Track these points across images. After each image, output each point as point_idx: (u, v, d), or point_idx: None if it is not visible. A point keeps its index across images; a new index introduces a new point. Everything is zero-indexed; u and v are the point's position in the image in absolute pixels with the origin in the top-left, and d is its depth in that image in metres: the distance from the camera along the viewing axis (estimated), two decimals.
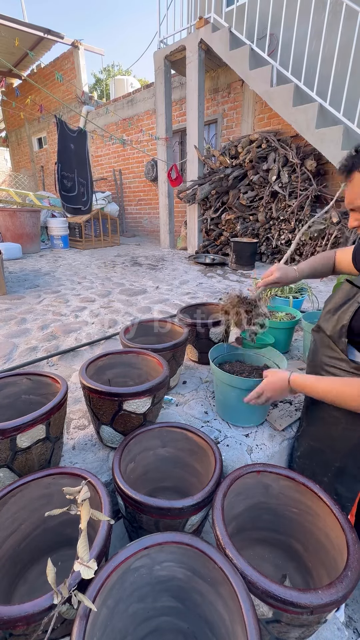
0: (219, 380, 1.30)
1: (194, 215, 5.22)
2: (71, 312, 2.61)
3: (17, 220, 5.06)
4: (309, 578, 0.90)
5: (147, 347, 1.37)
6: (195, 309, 1.97)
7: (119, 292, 3.20)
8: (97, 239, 6.20)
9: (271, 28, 4.04)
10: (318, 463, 1.07)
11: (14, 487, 0.84)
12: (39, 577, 0.87)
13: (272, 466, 0.93)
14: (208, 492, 0.86)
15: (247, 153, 4.49)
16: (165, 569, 0.73)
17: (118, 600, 0.68)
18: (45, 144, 9.92)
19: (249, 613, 0.58)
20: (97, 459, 1.18)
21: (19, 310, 2.64)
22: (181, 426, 1.11)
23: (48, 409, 0.94)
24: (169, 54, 4.93)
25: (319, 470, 1.06)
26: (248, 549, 0.98)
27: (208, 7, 4.55)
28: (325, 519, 0.84)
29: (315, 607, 0.62)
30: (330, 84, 3.53)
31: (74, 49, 7.59)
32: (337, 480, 1.03)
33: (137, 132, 6.95)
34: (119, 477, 0.89)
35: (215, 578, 0.68)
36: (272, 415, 1.40)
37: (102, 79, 19.32)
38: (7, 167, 12.47)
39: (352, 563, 0.69)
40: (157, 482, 1.13)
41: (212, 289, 3.38)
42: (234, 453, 1.22)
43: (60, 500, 0.87)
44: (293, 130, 4.04)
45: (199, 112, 4.78)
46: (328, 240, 3.78)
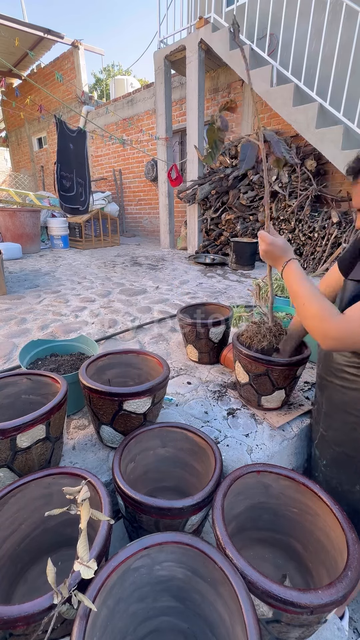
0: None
1: (194, 215, 5.22)
2: (71, 312, 2.61)
3: (17, 220, 5.05)
4: (309, 578, 0.90)
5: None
6: (195, 309, 1.97)
7: (119, 292, 3.20)
8: (97, 239, 6.20)
9: (271, 28, 4.04)
10: (348, 471, 1.01)
11: (14, 487, 0.84)
12: (39, 577, 0.87)
13: (272, 466, 0.93)
14: (208, 492, 0.86)
15: None
16: (165, 569, 0.73)
17: (118, 600, 0.68)
18: (45, 144, 9.92)
19: (249, 613, 0.58)
20: (97, 459, 1.18)
21: (19, 310, 2.64)
22: (181, 426, 1.11)
23: (48, 409, 0.94)
24: (169, 54, 4.93)
25: (348, 479, 1.01)
26: (248, 549, 0.98)
27: (208, 7, 4.55)
28: (325, 518, 0.84)
29: (315, 607, 0.62)
30: (330, 84, 3.53)
31: (74, 49, 7.59)
32: None
33: (137, 132, 6.95)
34: (119, 477, 0.89)
35: (215, 578, 0.68)
36: (269, 414, 1.40)
37: (102, 79, 19.30)
38: (7, 167, 12.46)
39: (352, 563, 0.69)
40: (157, 482, 1.13)
41: (212, 289, 3.38)
42: (234, 453, 1.21)
43: (60, 500, 0.87)
44: (293, 130, 4.04)
45: (199, 112, 4.78)
46: (328, 240, 3.78)
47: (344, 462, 1.01)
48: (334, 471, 1.06)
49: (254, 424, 1.37)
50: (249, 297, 3.05)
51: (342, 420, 1.00)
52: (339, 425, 1.01)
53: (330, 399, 1.04)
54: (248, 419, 1.40)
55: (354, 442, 0.97)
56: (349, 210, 3.94)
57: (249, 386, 1.39)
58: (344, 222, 3.74)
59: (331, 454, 1.06)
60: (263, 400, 1.39)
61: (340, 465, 1.03)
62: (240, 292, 3.23)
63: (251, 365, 1.31)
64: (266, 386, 1.34)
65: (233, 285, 3.51)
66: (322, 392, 1.08)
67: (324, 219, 3.90)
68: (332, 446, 1.05)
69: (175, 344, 2.11)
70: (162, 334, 2.24)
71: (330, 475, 1.07)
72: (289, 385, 1.34)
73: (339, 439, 1.02)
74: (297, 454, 1.38)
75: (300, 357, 1.29)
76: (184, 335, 1.83)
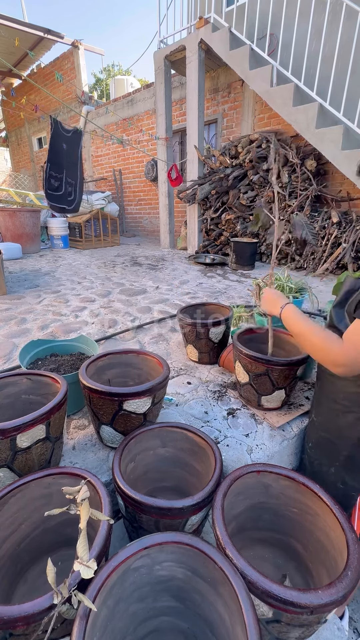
0: None
1: (194, 215, 5.22)
2: (71, 312, 2.61)
3: (17, 220, 5.05)
4: (309, 578, 0.90)
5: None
6: (195, 309, 1.97)
7: (119, 292, 3.20)
8: (97, 239, 6.20)
9: (271, 28, 4.04)
10: (327, 453, 1.11)
11: (14, 487, 0.84)
12: (39, 577, 0.87)
13: (272, 466, 0.93)
14: (208, 492, 0.86)
15: (247, 153, 4.49)
16: (165, 569, 0.73)
17: (118, 600, 0.68)
18: (45, 144, 9.92)
19: (249, 613, 0.58)
20: (97, 459, 1.18)
21: (19, 310, 2.64)
22: (181, 426, 1.11)
23: (48, 409, 0.94)
24: (169, 54, 4.93)
25: (328, 460, 1.11)
26: (248, 549, 0.98)
27: (208, 7, 4.54)
28: (325, 518, 0.84)
29: (315, 607, 0.62)
30: (331, 84, 3.53)
31: (74, 49, 7.59)
32: (345, 469, 1.07)
33: (137, 132, 6.95)
34: (119, 477, 0.89)
35: (215, 578, 0.68)
36: (269, 414, 1.40)
37: (102, 79, 19.30)
38: (7, 167, 12.46)
39: (352, 563, 0.69)
40: (157, 482, 1.13)
41: (212, 289, 3.38)
42: (234, 453, 1.21)
43: (60, 500, 0.87)
44: (293, 130, 4.04)
45: (199, 112, 4.78)
46: (328, 240, 3.78)
47: (325, 445, 1.12)
48: (317, 453, 1.16)
49: (254, 424, 1.37)
50: (249, 297, 3.05)
51: (328, 408, 1.09)
52: (325, 411, 1.10)
53: (321, 387, 1.12)
54: (248, 419, 1.40)
55: (337, 428, 1.06)
56: (349, 210, 3.94)
57: (249, 386, 1.39)
58: (344, 222, 3.74)
59: (316, 437, 1.16)
60: (263, 400, 1.39)
61: (323, 448, 1.13)
62: (240, 292, 3.23)
63: (251, 365, 1.31)
64: (266, 386, 1.34)
65: (233, 285, 3.51)
66: (318, 380, 1.16)
67: (324, 219, 3.89)
68: (319, 431, 1.15)
69: (175, 344, 2.11)
70: (162, 334, 2.24)
71: (314, 456, 1.18)
72: (289, 385, 1.34)
73: (325, 425, 1.11)
74: (297, 453, 1.38)
75: (300, 357, 1.29)
76: (184, 335, 1.83)
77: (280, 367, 1.27)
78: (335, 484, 1.09)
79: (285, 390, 1.35)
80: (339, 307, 1.00)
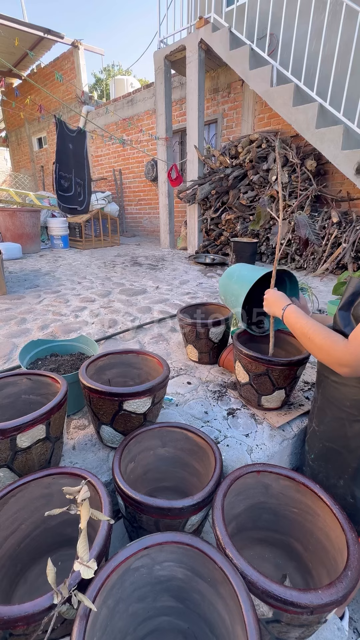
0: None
1: (194, 215, 5.22)
2: (71, 312, 2.61)
3: (17, 220, 5.05)
4: (309, 578, 0.89)
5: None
6: (195, 309, 1.97)
7: (119, 292, 3.20)
8: (97, 239, 6.20)
9: (271, 28, 4.04)
10: (333, 464, 1.04)
11: (14, 487, 0.84)
12: (39, 577, 0.87)
13: (272, 466, 0.93)
14: (208, 492, 0.86)
15: (247, 153, 4.49)
16: (165, 569, 0.73)
17: (118, 600, 0.68)
18: (45, 144, 9.92)
19: (249, 613, 0.58)
20: (97, 459, 1.18)
21: (19, 310, 2.64)
22: (181, 426, 1.11)
23: (48, 409, 0.94)
24: (169, 54, 4.93)
25: (334, 473, 1.04)
26: (248, 548, 0.98)
27: (208, 7, 4.54)
28: (325, 518, 0.84)
29: (315, 607, 0.62)
30: (331, 84, 3.53)
31: (74, 49, 7.58)
32: (355, 482, 0.99)
33: (137, 132, 6.94)
34: (119, 477, 0.89)
35: (215, 578, 0.68)
36: (269, 414, 1.40)
37: (102, 79, 19.29)
38: (7, 167, 12.46)
39: (352, 563, 0.69)
40: (157, 482, 1.13)
41: (212, 289, 3.38)
42: (234, 453, 1.21)
43: (60, 500, 0.87)
44: (293, 130, 4.04)
45: (199, 112, 4.78)
46: (328, 240, 3.78)
47: (331, 456, 1.04)
48: (321, 465, 1.08)
49: (254, 424, 1.37)
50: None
51: (333, 415, 1.02)
52: (329, 420, 1.04)
53: (324, 394, 1.06)
54: (248, 419, 1.40)
55: (343, 437, 1.00)
56: (349, 210, 3.94)
57: (249, 386, 1.39)
58: (344, 222, 3.74)
59: (319, 448, 1.09)
60: (263, 400, 1.39)
61: (327, 459, 1.06)
62: None
63: (251, 365, 1.31)
64: (266, 386, 1.34)
65: None
66: (319, 387, 1.10)
67: (324, 219, 3.89)
68: (322, 440, 1.07)
69: (175, 344, 2.11)
70: (162, 334, 2.24)
71: (318, 469, 1.09)
72: (289, 385, 1.34)
73: (329, 434, 1.05)
74: (297, 453, 1.38)
75: (300, 357, 1.29)
76: (184, 335, 1.83)
77: (281, 367, 1.26)
78: (344, 498, 1.01)
79: (286, 390, 1.35)
80: (344, 310, 0.95)
